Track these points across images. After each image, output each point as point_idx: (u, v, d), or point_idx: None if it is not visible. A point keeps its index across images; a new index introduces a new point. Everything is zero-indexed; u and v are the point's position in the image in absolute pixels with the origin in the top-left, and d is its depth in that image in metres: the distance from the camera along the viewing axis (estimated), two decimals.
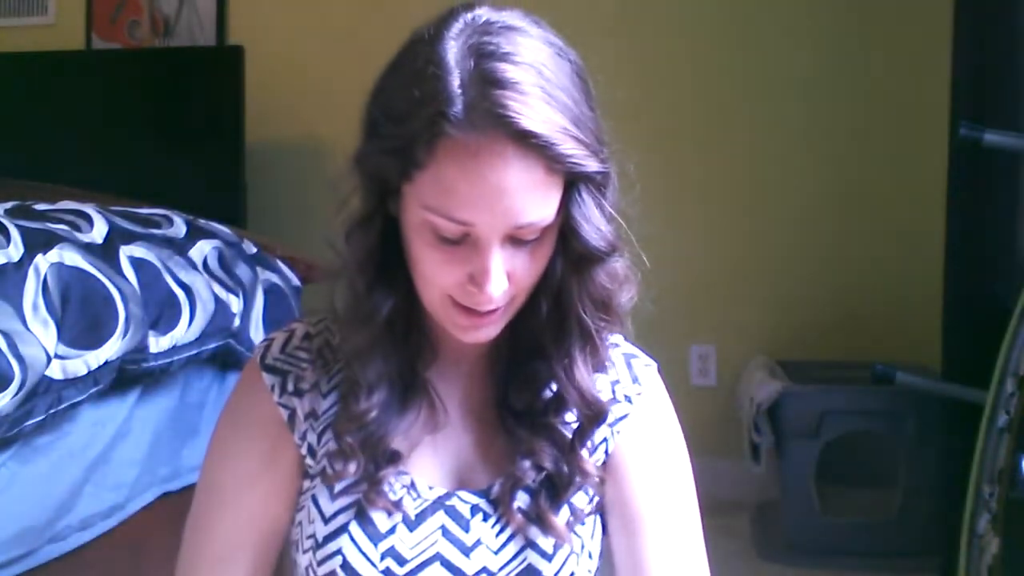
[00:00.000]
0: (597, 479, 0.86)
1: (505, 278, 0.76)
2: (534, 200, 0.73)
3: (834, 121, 2.90)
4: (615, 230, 0.79)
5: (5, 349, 1.19)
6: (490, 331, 0.81)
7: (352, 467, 0.82)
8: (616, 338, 0.92)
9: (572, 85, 0.74)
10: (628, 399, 0.90)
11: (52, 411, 1.29)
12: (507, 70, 0.71)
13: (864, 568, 2.39)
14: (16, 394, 1.20)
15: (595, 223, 0.77)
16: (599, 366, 0.86)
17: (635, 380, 0.92)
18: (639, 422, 0.90)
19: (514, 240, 0.75)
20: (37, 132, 2.99)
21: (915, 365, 2.38)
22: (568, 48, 0.77)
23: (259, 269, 1.82)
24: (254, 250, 1.87)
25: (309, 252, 1.99)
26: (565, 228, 0.78)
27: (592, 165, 0.74)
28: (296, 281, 1.92)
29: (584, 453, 0.85)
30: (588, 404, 0.85)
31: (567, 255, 0.80)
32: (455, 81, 0.71)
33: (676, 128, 2.94)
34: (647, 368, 0.94)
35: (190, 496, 0.90)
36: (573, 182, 0.76)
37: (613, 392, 0.90)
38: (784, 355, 2.80)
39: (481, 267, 0.75)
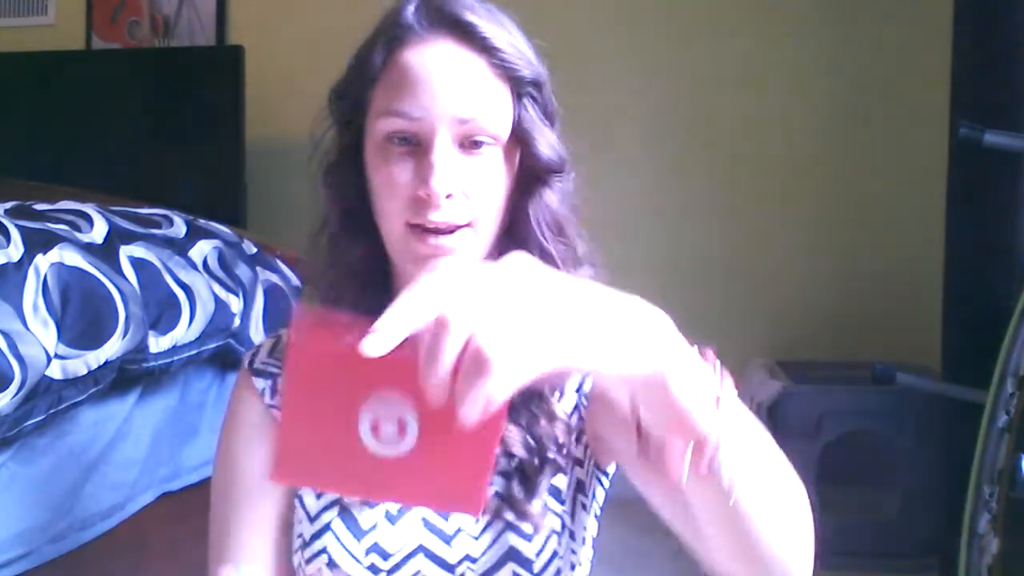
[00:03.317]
0: (569, 426, 0.85)
1: (452, 176, 0.78)
2: (476, 92, 0.79)
3: (834, 121, 2.90)
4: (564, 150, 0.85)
5: (5, 349, 1.19)
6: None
7: None
8: None
9: (519, 34, 0.83)
10: None
11: (52, 411, 1.29)
12: None
13: (864, 568, 2.39)
14: (16, 394, 1.20)
15: (545, 136, 0.83)
16: None
17: None
18: None
19: (463, 146, 0.79)
20: (37, 132, 2.99)
21: (915, 365, 2.38)
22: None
23: (259, 269, 1.82)
24: (254, 250, 1.87)
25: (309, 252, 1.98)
26: (520, 149, 0.82)
27: (527, 72, 0.81)
28: (296, 281, 1.92)
29: (554, 399, 0.85)
30: None
31: (520, 179, 0.84)
32: (411, 6, 0.81)
33: (677, 129, 2.94)
34: None
35: (190, 496, 0.91)
36: (520, 97, 0.81)
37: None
38: (784, 355, 2.80)
39: (427, 162, 0.77)
